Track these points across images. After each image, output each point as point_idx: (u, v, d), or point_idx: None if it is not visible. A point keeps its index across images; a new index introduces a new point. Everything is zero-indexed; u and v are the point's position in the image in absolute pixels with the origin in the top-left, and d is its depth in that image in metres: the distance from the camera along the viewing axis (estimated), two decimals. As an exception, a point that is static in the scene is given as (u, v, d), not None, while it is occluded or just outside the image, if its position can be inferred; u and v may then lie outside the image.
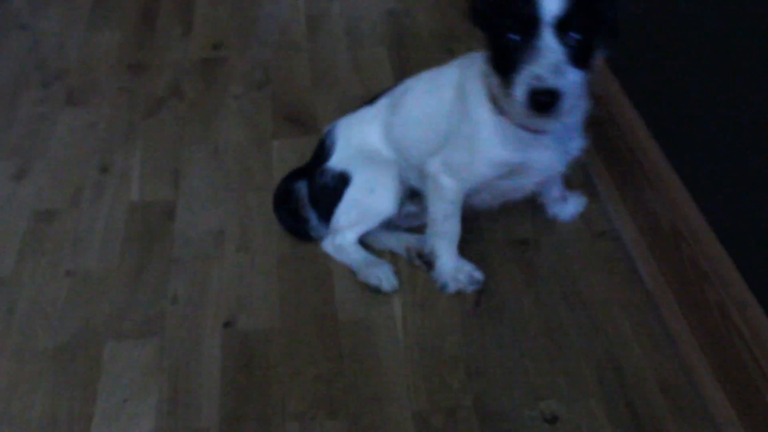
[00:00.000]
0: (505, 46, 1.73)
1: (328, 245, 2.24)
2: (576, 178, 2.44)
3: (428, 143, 2.12)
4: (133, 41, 3.14)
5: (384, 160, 2.21)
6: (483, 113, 1.95)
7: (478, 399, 1.88)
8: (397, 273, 2.17)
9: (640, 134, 2.21)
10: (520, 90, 1.71)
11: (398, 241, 2.26)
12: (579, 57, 1.72)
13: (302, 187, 2.30)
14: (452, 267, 2.15)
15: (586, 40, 1.72)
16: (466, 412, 1.86)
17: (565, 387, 1.90)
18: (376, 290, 2.14)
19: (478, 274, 2.14)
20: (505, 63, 1.76)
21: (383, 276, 2.16)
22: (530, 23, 1.69)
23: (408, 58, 3.01)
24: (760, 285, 1.73)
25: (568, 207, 2.33)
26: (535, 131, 1.92)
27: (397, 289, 2.15)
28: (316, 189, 2.26)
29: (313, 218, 2.28)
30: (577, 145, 2.04)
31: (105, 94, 2.86)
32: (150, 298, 2.13)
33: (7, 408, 1.89)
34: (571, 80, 1.71)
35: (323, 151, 2.28)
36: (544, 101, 1.69)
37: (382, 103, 2.25)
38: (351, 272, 2.18)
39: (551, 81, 1.67)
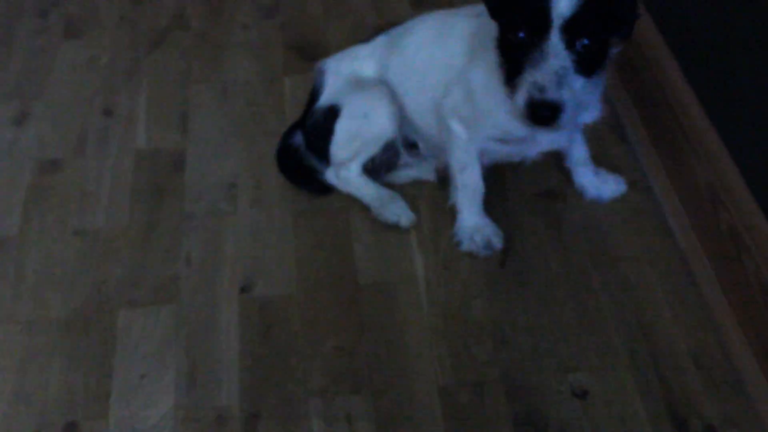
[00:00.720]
0: (513, 43, 1.66)
1: (331, 176, 2.16)
2: (606, 123, 2.32)
3: (426, 93, 2.03)
4: (132, -37, 2.96)
5: (375, 83, 2.10)
6: (492, 83, 1.82)
7: (504, 373, 1.82)
8: (419, 229, 2.09)
9: (678, 85, 2.09)
10: (521, 97, 1.65)
11: (426, 166, 2.18)
12: (587, 64, 1.64)
13: (299, 138, 2.21)
14: (472, 225, 2.06)
15: (596, 45, 1.64)
16: (493, 386, 1.80)
17: (595, 358, 1.84)
18: (393, 226, 2.08)
19: (497, 241, 2.04)
20: (511, 61, 1.69)
21: (400, 211, 2.09)
22: (539, 23, 1.60)
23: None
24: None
25: (605, 188, 2.17)
26: None
27: (416, 223, 2.09)
28: (309, 132, 2.17)
29: (316, 164, 2.19)
30: (588, 116, 1.92)
31: (105, 25, 2.71)
32: (163, 259, 2.05)
33: (22, 386, 1.83)
34: (576, 89, 1.64)
35: (313, 93, 2.19)
36: (544, 115, 1.62)
37: (380, 41, 2.14)
38: (370, 225, 2.09)
39: (552, 93, 1.60)
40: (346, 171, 2.13)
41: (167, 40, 2.64)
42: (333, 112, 2.10)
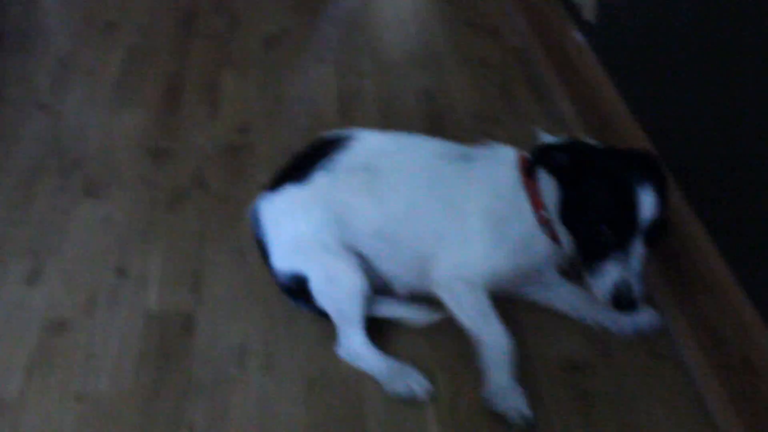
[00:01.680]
0: (594, 232, 1.80)
1: (342, 352, 2.07)
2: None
3: (414, 248, 2.04)
4: (156, 123, 2.99)
5: (321, 241, 2.05)
6: (534, 233, 1.96)
7: None
8: (437, 402, 1.97)
9: (703, 245, 2.01)
10: (605, 285, 1.81)
11: (415, 310, 2.12)
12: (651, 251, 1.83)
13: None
14: (504, 385, 1.93)
15: (663, 234, 1.83)
16: None
17: None
18: (410, 400, 1.97)
19: (528, 412, 1.92)
20: (589, 246, 1.83)
21: (413, 382, 1.98)
22: (626, 227, 1.77)
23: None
24: None
25: (634, 320, 2.11)
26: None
27: (433, 393, 1.98)
28: (287, 291, 2.15)
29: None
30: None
31: (125, 184, 2.70)
32: (165, 427, 1.94)
33: None
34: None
35: (260, 244, 2.15)
36: (627, 308, 1.80)
37: (320, 182, 2.07)
38: (385, 399, 1.99)
39: (637, 292, 1.78)
40: (350, 343, 2.05)
41: (185, 200, 2.62)
42: (300, 279, 2.07)
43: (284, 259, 2.10)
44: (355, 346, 2.05)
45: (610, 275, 1.79)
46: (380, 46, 3.46)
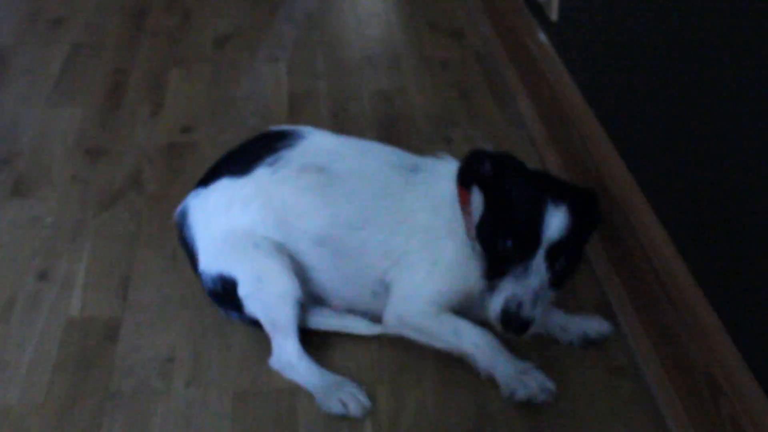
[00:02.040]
0: (498, 245, 1.74)
1: (275, 363, 1.91)
2: (589, 298, 2.10)
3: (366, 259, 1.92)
4: (95, 121, 2.82)
5: (255, 240, 1.91)
6: (464, 258, 1.86)
7: None
8: (375, 418, 1.81)
9: (666, 253, 1.87)
10: (497, 304, 1.72)
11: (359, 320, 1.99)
12: (561, 279, 1.77)
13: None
14: (513, 369, 1.81)
15: (573, 262, 1.77)
16: None
17: None
18: (342, 415, 1.81)
19: (550, 384, 1.80)
20: (492, 257, 1.76)
21: (349, 397, 1.81)
22: (529, 243, 1.70)
23: (399, 144, 2.66)
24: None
25: (581, 327, 1.98)
26: None
27: (369, 409, 1.82)
28: (211, 295, 1.99)
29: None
30: None
31: (56, 184, 2.53)
32: (77, 444, 1.77)
33: None
34: (545, 303, 1.74)
35: (187, 247, 2.00)
36: (516, 328, 1.71)
37: (262, 177, 1.93)
38: (320, 413, 1.82)
39: (527, 312, 1.70)
40: (286, 355, 1.90)
41: (118, 201, 2.45)
42: (229, 282, 1.91)
43: (212, 259, 1.94)
44: (287, 356, 1.89)
45: (503, 292, 1.72)
46: (337, 46, 3.31)
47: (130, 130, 2.78)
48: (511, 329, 1.71)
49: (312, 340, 1.95)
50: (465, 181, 1.83)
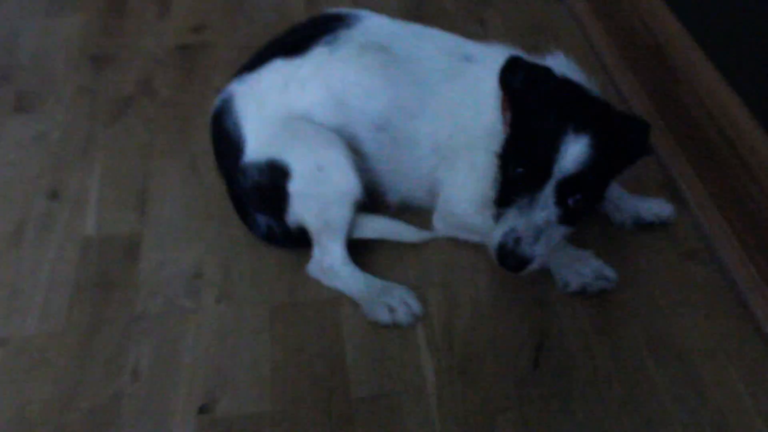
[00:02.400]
0: (510, 172, 1.53)
1: (314, 269, 1.74)
2: (652, 180, 1.90)
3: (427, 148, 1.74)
4: (98, 27, 2.61)
5: (314, 125, 1.71)
6: (489, 154, 1.64)
7: None
8: (428, 325, 1.65)
9: (741, 121, 1.66)
10: (496, 236, 1.51)
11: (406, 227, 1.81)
12: (574, 216, 1.52)
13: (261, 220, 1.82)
14: (566, 258, 1.67)
15: (590, 199, 1.52)
16: None
17: (666, 488, 1.37)
18: (388, 325, 1.65)
19: (610, 271, 1.65)
20: (504, 183, 1.56)
21: (397, 303, 1.65)
22: (539, 171, 1.48)
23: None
24: None
25: (640, 208, 1.80)
26: None
27: (420, 317, 1.65)
28: (249, 192, 1.75)
29: (263, 221, 1.80)
30: None
31: (61, 96, 2.33)
32: (104, 372, 1.62)
33: None
34: (553, 238, 1.52)
35: (222, 129, 1.76)
36: (510, 264, 1.50)
37: (320, 56, 1.73)
38: (366, 325, 1.66)
39: (525, 249, 1.49)
40: (330, 259, 1.71)
41: (129, 110, 2.25)
42: (280, 170, 1.68)
43: (264, 144, 1.70)
44: (331, 260, 1.72)
45: (504, 224, 1.51)
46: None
47: (136, 34, 2.56)
48: (507, 266, 1.51)
49: (355, 246, 1.77)
50: (502, 87, 1.61)
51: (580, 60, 1.68)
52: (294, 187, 1.68)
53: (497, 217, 1.55)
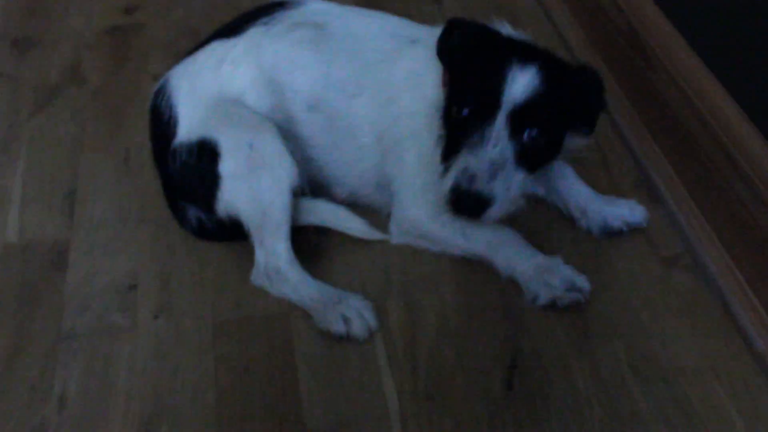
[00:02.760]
0: (455, 118, 1.43)
1: (259, 276, 1.58)
2: (627, 178, 1.78)
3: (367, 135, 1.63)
4: (20, 6, 2.40)
5: (248, 107, 1.62)
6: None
7: None
8: (389, 341, 1.50)
9: (725, 110, 1.53)
10: (448, 180, 1.41)
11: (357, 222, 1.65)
12: (532, 157, 1.43)
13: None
14: (533, 267, 1.53)
15: (548, 137, 1.42)
16: None
17: None
18: (342, 336, 1.49)
19: (582, 281, 1.51)
20: (450, 136, 1.45)
21: (353, 313, 1.50)
22: (486, 103, 1.39)
23: (383, 4, 2.27)
24: None
25: (616, 212, 1.66)
26: None
27: (376, 330, 1.50)
28: (177, 176, 1.63)
29: (193, 214, 1.66)
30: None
31: (-21, 84, 2.13)
32: (26, 400, 1.44)
33: None
34: (512, 183, 1.41)
35: (162, 124, 1.65)
36: (467, 206, 1.39)
37: (254, 36, 1.64)
38: (321, 343, 1.51)
39: (481, 185, 1.38)
40: (274, 260, 1.55)
41: (56, 99, 2.06)
42: (209, 150, 1.57)
43: (195, 124, 1.60)
44: (277, 262, 1.56)
45: (454, 168, 1.40)
46: None
47: (63, 14, 2.37)
48: (463, 209, 1.40)
49: (302, 249, 1.61)
50: (441, 56, 1.51)
51: (541, 43, 1.54)
52: (224, 168, 1.56)
53: (444, 172, 1.45)
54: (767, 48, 1.46)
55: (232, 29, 1.68)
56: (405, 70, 1.60)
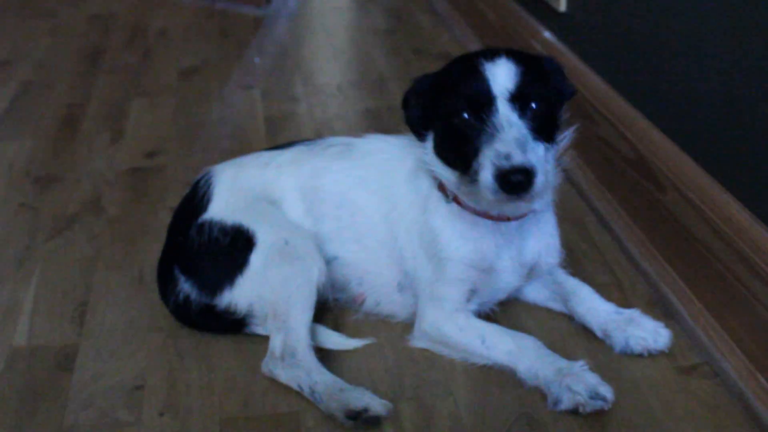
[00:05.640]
0: (458, 128, 1.51)
1: (270, 362, 1.56)
2: (641, 299, 1.77)
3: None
4: (46, 150, 2.49)
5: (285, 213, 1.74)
6: (450, 214, 1.63)
7: None
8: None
9: (737, 215, 1.55)
10: (486, 173, 1.45)
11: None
12: (543, 128, 1.51)
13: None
14: (555, 372, 1.50)
15: (545, 108, 1.52)
16: None
17: None
18: (358, 415, 1.45)
19: (606, 390, 1.47)
20: (459, 148, 1.52)
21: (367, 397, 1.47)
22: (482, 100, 1.48)
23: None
24: None
25: (637, 332, 1.63)
26: (498, 218, 1.61)
27: (392, 408, 1.46)
28: (198, 249, 1.67)
29: (184, 289, 1.67)
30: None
31: (0, 212, 2.16)
32: (22, 491, 1.37)
33: None
34: (540, 155, 1.48)
35: (194, 200, 1.74)
36: (518, 181, 1.43)
37: (298, 148, 1.81)
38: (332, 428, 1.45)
39: (520, 157, 1.43)
40: (293, 340, 1.55)
41: (74, 226, 2.10)
42: (243, 236, 1.65)
43: (232, 209, 1.69)
44: (296, 343, 1.55)
45: (485, 161, 1.45)
46: (315, 73, 3.04)
47: (86, 157, 2.45)
48: (514, 186, 1.43)
49: (314, 351, 1.59)
50: (416, 132, 1.63)
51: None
52: (256, 258, 1.63)
53: (472, 182, 1.50)
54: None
55: (276, 147, 1.87)
56: (405, 169, 1.70)
